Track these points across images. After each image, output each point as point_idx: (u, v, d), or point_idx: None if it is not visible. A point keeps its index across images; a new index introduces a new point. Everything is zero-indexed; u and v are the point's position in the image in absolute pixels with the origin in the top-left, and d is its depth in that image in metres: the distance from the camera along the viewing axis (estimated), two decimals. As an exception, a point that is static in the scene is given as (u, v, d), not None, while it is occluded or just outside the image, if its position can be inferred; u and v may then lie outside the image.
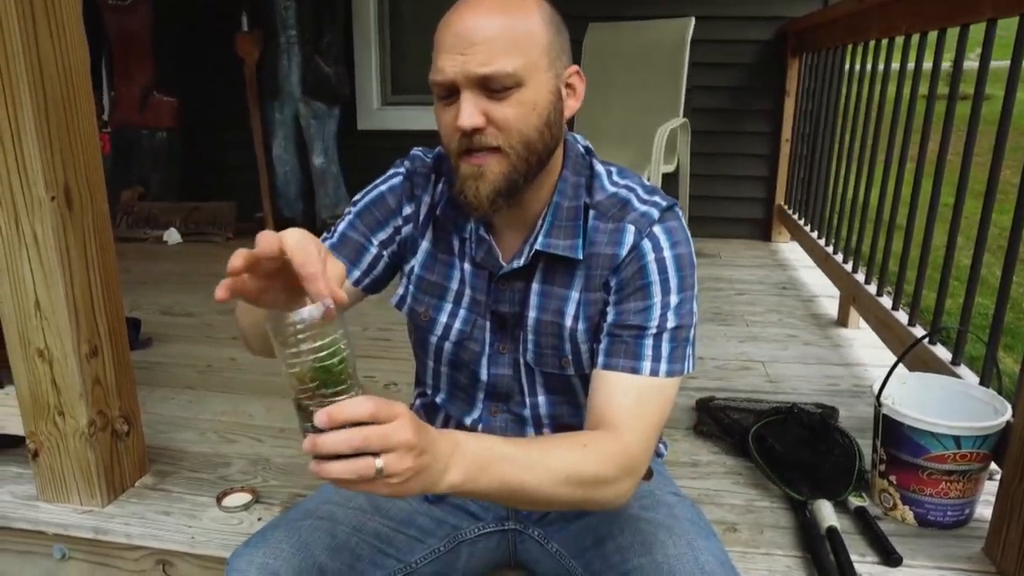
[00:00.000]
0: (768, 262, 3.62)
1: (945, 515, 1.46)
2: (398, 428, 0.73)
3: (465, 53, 0.92)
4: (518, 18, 0.94)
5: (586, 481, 0.91)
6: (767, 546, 1.43)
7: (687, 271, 1.04)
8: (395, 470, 0.73)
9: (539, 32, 0.95)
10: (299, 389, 0.73)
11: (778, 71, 3.83)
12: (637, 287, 1.02)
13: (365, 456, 0.72)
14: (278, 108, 3.86)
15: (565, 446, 0.92)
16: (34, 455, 1.56)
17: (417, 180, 1.14)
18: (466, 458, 0.81)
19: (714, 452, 1.79)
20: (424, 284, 1.15)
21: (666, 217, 1.04)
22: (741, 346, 2.49)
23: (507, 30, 0.93)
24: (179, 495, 1.61)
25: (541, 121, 0.97)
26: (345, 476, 0.72)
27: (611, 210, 1.05)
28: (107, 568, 1.53)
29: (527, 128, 0.96)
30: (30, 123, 1.34)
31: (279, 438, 1.87)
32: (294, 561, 0.99)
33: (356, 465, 0.72)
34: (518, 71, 0.93)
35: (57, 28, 1.38)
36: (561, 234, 1.05)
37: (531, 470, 0.87)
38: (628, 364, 1.01)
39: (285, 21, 3.73)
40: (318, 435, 0.72)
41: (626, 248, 1.03)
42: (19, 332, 1.47)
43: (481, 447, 0.84)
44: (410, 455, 0.74)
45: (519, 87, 0.94)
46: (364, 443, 0.71)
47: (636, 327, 1.01)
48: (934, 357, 1.79)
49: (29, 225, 1.40)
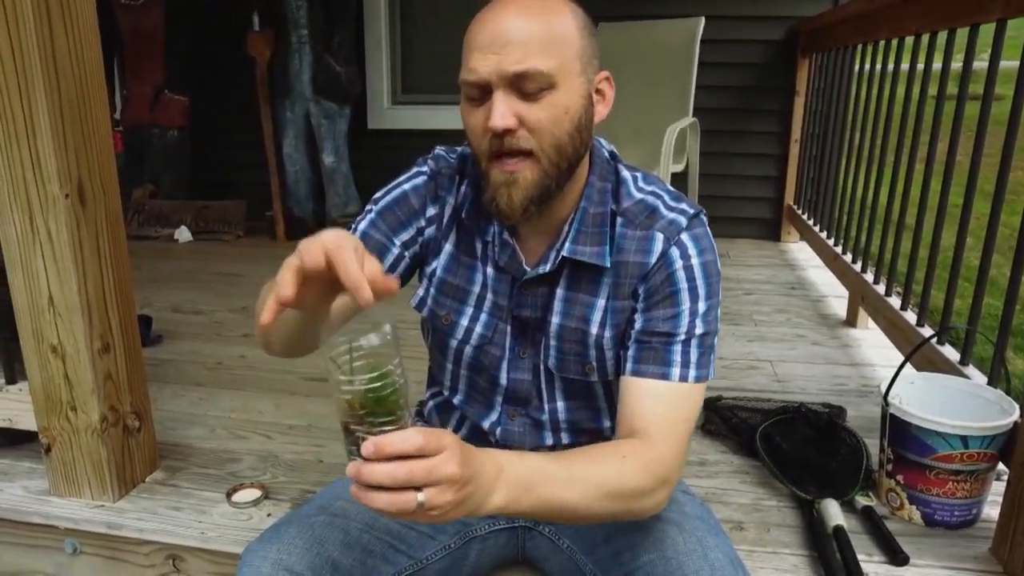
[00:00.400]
0: (777, 262, 3.61)
1: (952, 515, 1.46)
2: (444, 462, 0.73)
3: (499, 52, 0.91)
4: (553, 20, 0.94)
5: (626, 494, 0.91)
6: (774, 545, 1.44)
7: (714, 278, 1.04)
8: (436, 504, 0.73)
9: (573, 35, 0.95)
10: (348, 414, 0.73)
11: (788, 71, 3.82)
12: (666, 294, 1.02)
13: (407, 490, 0.72)
14: (289, 107, 3.87)
15: (606, 459, 0.92)
16: (47, 450, 1.57)
17: (441, 181, 1.13)
18: (510, 481, 0.81)
19: (722, 451, 1.80)
20: (446, 287, 1.14)
21: (693, 224, 1.04)
22: (749, 346, 2.49)
23: (543, 31, 0.92)
24: (189, 491, 1.63)
25: (572, 125, 0.96)
26: (386, 509, 0.72)
27: (639, 217, 1.05)
28: (118, 563, 1.54)
29: (559, 131, 0.95)
30: (45, 121, 1.36)
31: (288, 435, 1.89)
32: (307, 557, 1.00)
33: (397, 499, 0.72)
34: (552, 72, 0.92)
35: (72, 27, 1.39)
36: (588, 240, 1.05)
37: (574, 487, 0.87)
38: (658, 370, 1.01)
39: (297, 21, 3.75)
40: (363, 464, 0.72)
41: (655, 256, 1.03)
42: (33, 328, 1.49)
43: (525, 468, 0.84)
44: (452, 488, 0.74)
45: (552, 89, 0.93)
46: (408, 478, 0.71)
47: (665, 334, 1.02)
48: (942, 358, 1.79)
49: (43, 222, 1.41)
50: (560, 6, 0.96)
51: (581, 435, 1.17)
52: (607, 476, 0.90)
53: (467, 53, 0.95)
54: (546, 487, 0.85)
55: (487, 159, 0.98)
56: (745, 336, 2.58)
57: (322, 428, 1.92)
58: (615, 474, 0.90)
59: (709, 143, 3.69)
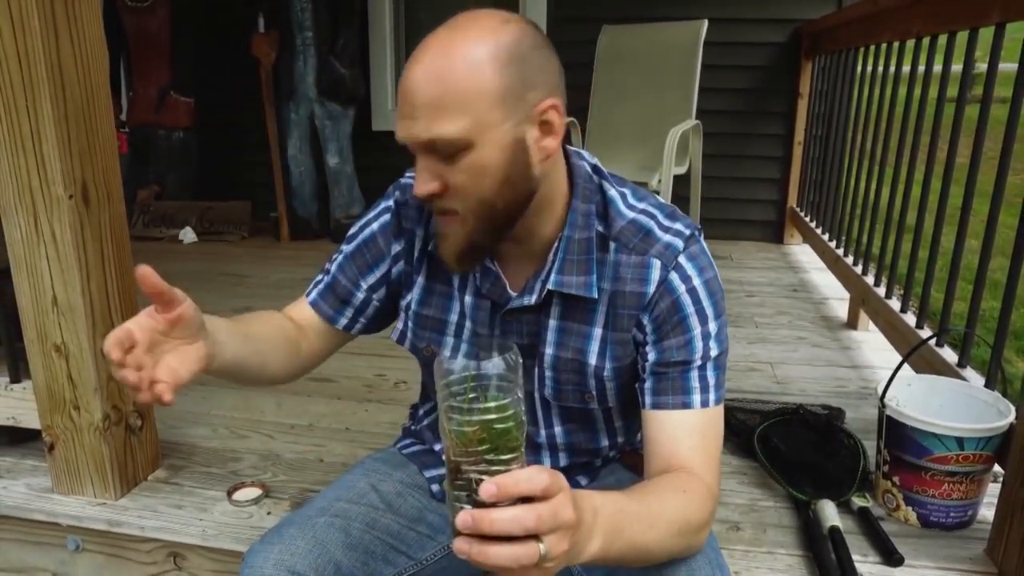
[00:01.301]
0: (779, 264, 3.62)
1: (948, 516, 1.47)
2: (564, 505, 0.66)
3: (410, 118, 0.86)
4: (462, 71, 0.84)
5: (692, 530, 0.90)
6: (770, 545, 1.45)
7: (718, 295, 1.01)
8: (555, 554, 0.65)
9: (486, 84, 0.85)
10: (463, 451, 0.64)
11: (791, 73, 3.83)
12: (675, 323, 0.99)
13: (529, 539, 0.64)
14: (293, 109, 3.89)
15: (673, 495, 0.89)
16: (50, 448, 1.59)
17: (406, 212, 1.11)
18: (604, 524, 0.75)
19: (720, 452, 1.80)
20: (422, 319, 1.12)
21: (688, 244, 1.00)
22: (750, 347, 2.49)
23: (448, 91, 0.84)
24: (191, 489, 1.64)
25: (497, 181, 0.89)
26: (506, 564, 0.64)
27: (632, 240, 1.00)
28: (120, 560, 1.56)
29: (482, 191, 0.89)
30: (50, 124, 1.38)
31: (289, 434, 1.90)
32: (310, 558, 1.00)
33: (521, 552, 0.63)
34: (462, 135, 0.85)
35: (77, 29, 1.41)
36: (574, 269, 1.00)
37: (654, 527, 0.83)
38: (679, 400, 0.99)
39: (301, 22, 3.77)
40: (483, 512, 0.63)
41: (653, 285, 0.99)
42: (37, 327, 1.50)
43: (615, 509, 0.78)
44: (568, 535, 0.67)
45: (468, 150, 0.87)
46: (537, 525, 0.63)
47: (681, 362, 0.99)
48: (941, 360, 1.80)
49: (47, 222, 1.43)
50: (471, 49, 0.85)
51: (579, 455, 1.17)
52: (677, 513, 0.87)
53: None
54: (633, 528, 0.80)
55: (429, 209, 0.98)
56: (746, 338, 2.58)
57: (323, 428, 1.93)
58: (682, 510, 0.88)
59: (712, 145, 3.70)
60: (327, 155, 3.95)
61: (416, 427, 1.28)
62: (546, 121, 0.90)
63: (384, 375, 2.26)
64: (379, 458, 1.23)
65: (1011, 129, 1.61)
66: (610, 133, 3.63)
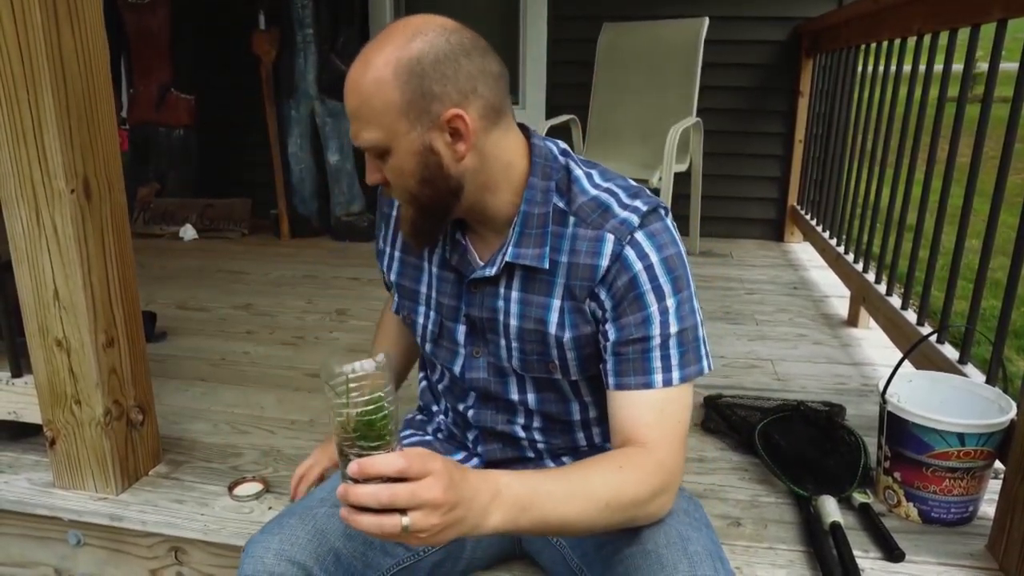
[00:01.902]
0: (780, 262, 3.62)
1: (949, 512, 1.47)
2: (428, 487, 0.76)
3: (351, 122, 0.97)
4: (370, 88, 0.93)
5: (626, 505, 0.93)
6: (771, 541, 1.45)
7: (679, 271, 1.01)
8: (422, 527, 0.76)
9: (391, 97, 0.92)
10: (342, 437, 0.78)
11: (792, 72, 3.83)
12: (632, 299, 1.00)
13: (392, 512, 0.75)
14: (294, 106, 3.89)
15: (602, 472, 0.94)
16: (51, 443, 1.59)
17: (383, 198, 1.21)
18: (506, 502, 0.84)
19: (721, 448, 1.81)
20: (402, 290, 1.21)
21: (648, 221, 1.02)
22: (750, 345, 2.49)
23: (362, 105, 0.94)
24: (192, 484, 1.64)
25: (415, 180, 0.98)
26: (371, 530, 0.76)
27: (591, 216, 1.03)
28: (121, 554, 1.56)
29: (407, 186, 0.99)
30: (51, 117, 1.38)
31: (290, 429, 1.90)
32: (310, 547, 1.01)
33: (383, 521, 0.75)
34: (380, 141, 0.95)
35: (79, 26, 1.41)
36: (531, 242, 1.04)
37: (572, 503, 0.89)
38: (640, 380, 1.01)
39: (302, 20, 3.77)
40: (350, 486, 0.76)
41: (605, 259, 1.01)
42: (38, 321, 1.50)
43: (523, 488, 0.86)
44: (437, 513, 0.76)
45: (389, 154, 0.97)
46: (391, 500, 0.75)
47: (639, 339, 1.00)
48: (942, 356, 1.80)
49: (49, 217, 1.43)
50: (380, 65, 0.92)
51: (554, 423, 1.18)
52: (604, 488, 0.91)
53: None
54: (545, 505, 0.87)
55: None
56: (746, 335, 2.58)
57: (324, 423, 1.93)
58: (612, 485, 0.92)
59: (713, 143, 3.70)
60: (328, 153, 3.95)
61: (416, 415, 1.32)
62: (455, 129, 0.96)
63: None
64: (378, 450, 1.24)
65: (1012, 128, 1.61)
66: (611, 131, 3.63)
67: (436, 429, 1.30)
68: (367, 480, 0.76)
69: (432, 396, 1.31)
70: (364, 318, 2.75)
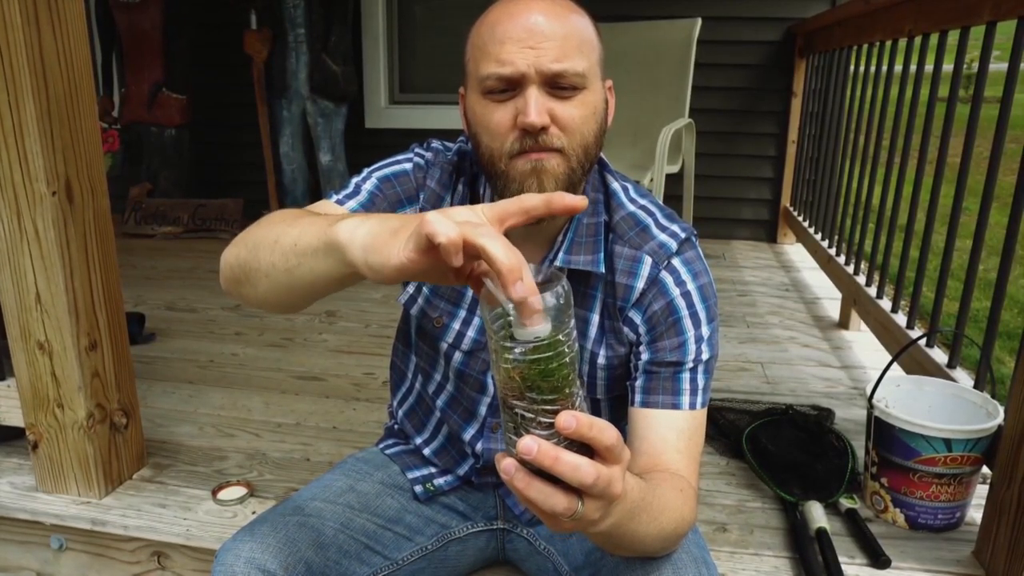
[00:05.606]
0: (772, 264, 3.61)
1: (935, 518, 1.46)
2: (618, 479, 0.63)
3: (536, 47, 0.88)
4: (581, 23, 0.93)
5: (683, 531, 0.90)
6: (756, 546, 1.44)
7: (711, 300, 1.03)
8: (588, 518, 0.64)
9: (595, 40, 0.96)
10: (507, 387, 0.61)
11: (785, 72, 3.82)
12: (670, 324, 1.01)
13: (572, 493, 0.62)
14: (285, 106, 3.88)
15: (674, 495, 0.89)
16: (33, 446, 1.58)
17: (433, 172, 1.07)
18: (624, 506, 0.71)
19: (709, 453, 1.80)
20: (441, 288, 1.10)
21: (684, 248, 1.03)
22: (740, 347, 2.49)
23: (576, 32, 0.92)
24: (175, 488, 1.63)
25: (598, 126, 0.96)
26: (538, 503, 0.62)
27: (628, 233, 1.03)
28: (103, 559, 1.55)
29: (588, 131, 0.94)
30: (32, 119, 1.36)
31: (276, 433, 1.89)
32: (280, 556, 1.00)
33: (555, 498, 0.61)
34: (586, 72, 0.92)
35: (60, 26, 1.40)
36: (582, 251, 1.02)
37: (657, 521, 0.82)
38: (668, 400, 1.00)
39: (294, 19, 3.75)
40: (551, 447, 0.60)
41: (642, 281, 1.01)
42: (20, 325, 1.49)
43: (638, 496, 0.75)
44: (604, 506, 0.65)
45: (584, 89, 0.92)
46: (593, 483, 0.61)
47: (673, 363, 1.01)
48: (931, 360, 1.79)
49: (30, 219, 1.42)
50: (581, 11, 0.95)
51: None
52: (676, 512, 0.88)
53: (495, 45, 0.90)
54: (641, 519, 0.78)
55: (508, 158, 0.93)
56: (736, 338, 2.58)
57: (310, 427, 1.92)
58: (680, 510, 0.89)
59: (706, 144, 3.70)
60: (319, 152, 3.94)
61: (397, 425, 1.28)
62: (606, 99, 0.99)
63: (372, 374, 2.25)
64: (361, 458, 1.23)
65: (1002, 128, 1.60)
66: (603, 132, 3.62)
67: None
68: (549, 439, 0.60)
69: (413, 427, 1.24)
70: (353, 320, 2.73)
